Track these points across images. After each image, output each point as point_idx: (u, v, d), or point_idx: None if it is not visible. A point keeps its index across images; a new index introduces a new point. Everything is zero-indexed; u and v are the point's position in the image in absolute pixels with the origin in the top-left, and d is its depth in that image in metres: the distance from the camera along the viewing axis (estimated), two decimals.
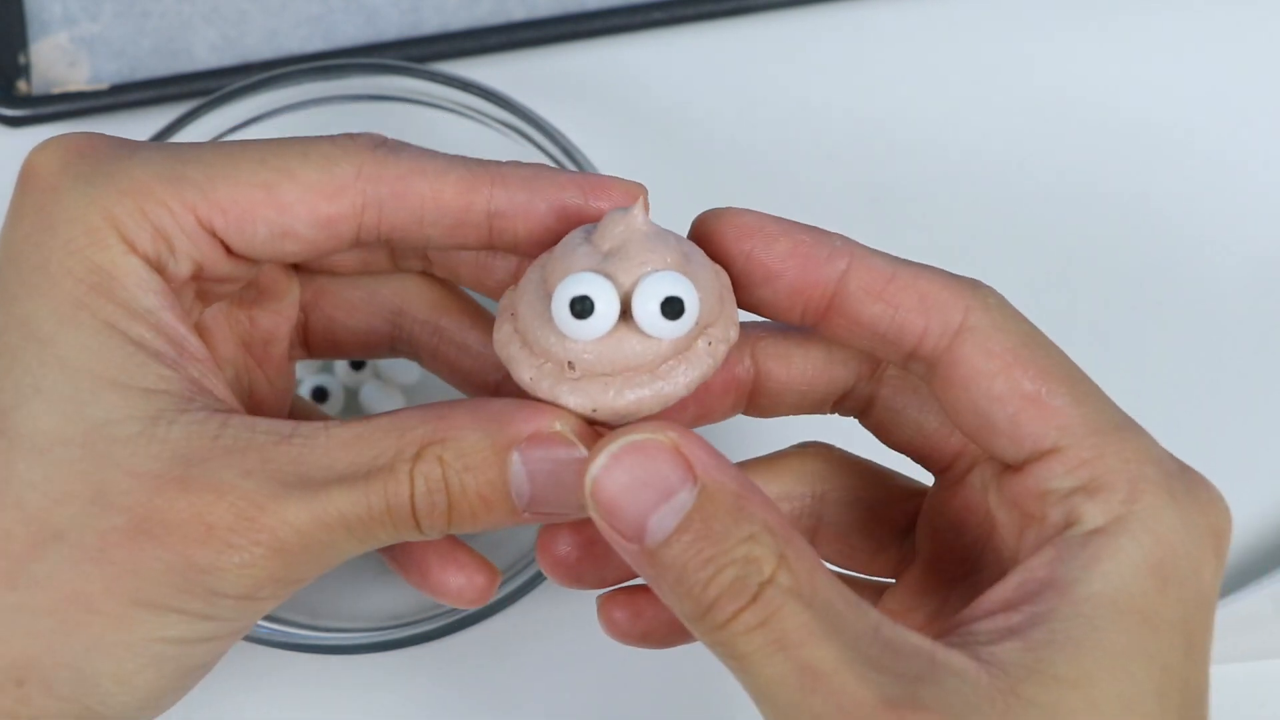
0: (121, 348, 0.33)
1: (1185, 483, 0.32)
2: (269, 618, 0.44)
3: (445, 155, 0.35)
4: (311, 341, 0.41)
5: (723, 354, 0.34)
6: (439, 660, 0.47)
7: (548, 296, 0.33)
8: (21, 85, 0.51)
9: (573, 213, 0.35)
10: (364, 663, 0.47)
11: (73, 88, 0.52)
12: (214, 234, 0.34)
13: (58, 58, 0.52)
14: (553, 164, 0.47)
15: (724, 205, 0.36)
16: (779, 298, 0.35)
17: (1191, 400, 0.51)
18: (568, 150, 0.47)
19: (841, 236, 0.35)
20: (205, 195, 0.34)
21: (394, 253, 0.40)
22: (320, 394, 0.48)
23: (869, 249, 0.35)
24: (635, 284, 0.32)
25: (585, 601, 0.48)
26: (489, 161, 0.36)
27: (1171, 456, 0.33)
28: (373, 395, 0.49)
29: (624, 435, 0.32)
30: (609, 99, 0.53)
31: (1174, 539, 0.32)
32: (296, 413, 0.42)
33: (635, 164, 0.51)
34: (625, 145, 0.52)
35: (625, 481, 0.31)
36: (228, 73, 0.51)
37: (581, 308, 0.32)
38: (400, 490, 0.33)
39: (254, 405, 0.39)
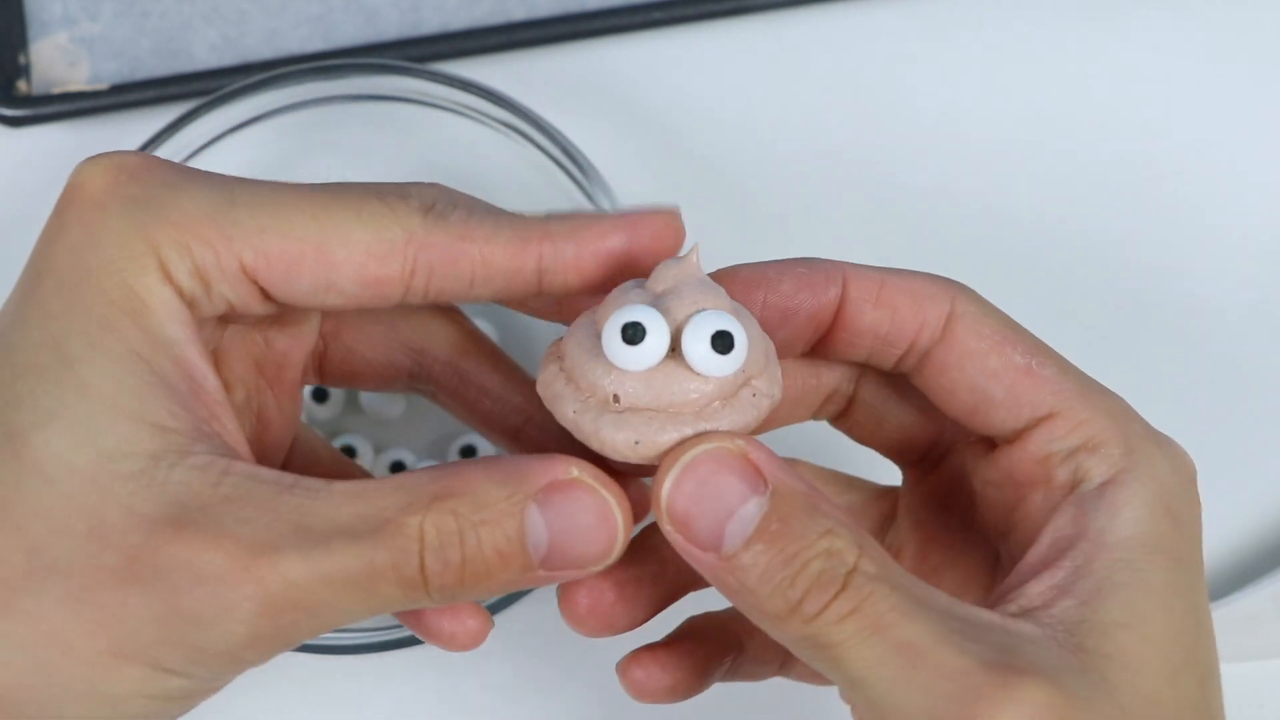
0: (141, 378, 0.33)
1: (1160, 435, 0.35)
2: None
3: (492, 216, 0.35)
4: (327, 370, 0.41)
5: (766, 408, 0.34)
6: (439, 660, 0.47)
7: (598, 335, 0.33)
8: (21, 85, 0.51)
9: (619, 255, 0.35)
10: (364, 663, 0.47)
11: (73, 88, 0.52)
12: (254, 280, 0.34)
13: (58, 58, 0.52)
14: (553, 164, 0.47)
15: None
16: (798, 332, 0.36)
17: (1191, 400, 0.51)
18: (567, 150, 0.47)
19: (828, 259, 0.36)
20: (253, 244, 0.34)
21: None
22: (320, 395, 0.48)
23: (855, 264, 0.36)
24: (687, 319, 0.33)
25: None
26: (534, 219, 0.35)
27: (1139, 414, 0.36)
28: (373, 398, 0.49)
29: (691, 448, 0.32)
30: (609, 99, 0.53)
31: (1171, 482, 0.34)
32: (299, 444, 0.41)
33: (634, 164, 0.51)
34: (625, 145, 0.52)
35: (697, 493, 0.32)
36: (228, 73, 0.51)
37: (633, 333, 0.32)
38: (409, 545, 0.32)
39: (260, 428, 0.39)
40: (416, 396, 0.48)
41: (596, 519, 0.33)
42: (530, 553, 0.33)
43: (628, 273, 0.35)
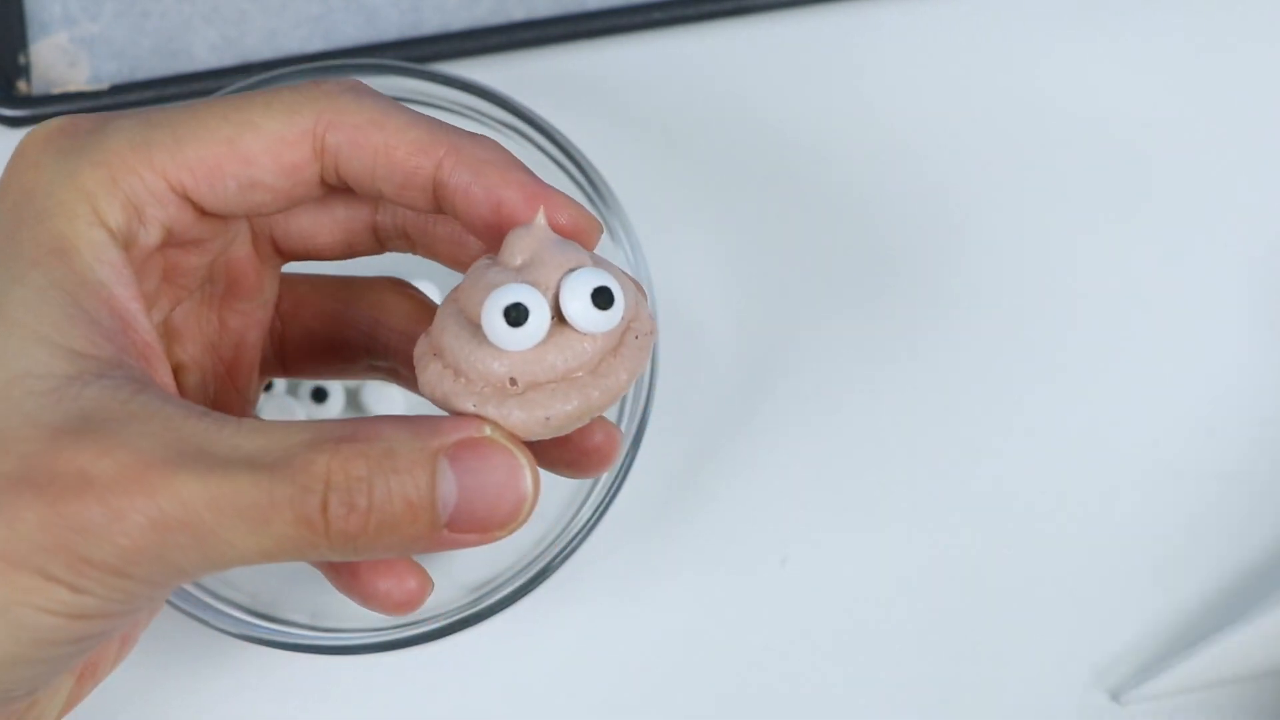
0: (62, 308, 0.33)
1: None
2: (268, 618, 0.44)
3: (413, 114, 0.36)
4: (289, 356, 0.41)
5: (649, 346, 0.34)
6: (439, 660, 0.47)
7: (470, 323, 0.33)
8: (21, 85, 0.51)
9: (507, 212, 0.35)
10: (364, 663, 0.47)
11: (73, 88, 0.52)
12: (185, 196, 0.35)
13: (58, 58, 0.52)
14: (553, 165, 0.47)
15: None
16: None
17: (1194, 400, 0.51)
18: (567, 150, 0.47)
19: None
20: (173, 157, 0.34)
21: (377, 232, 0.39)
22: (320, 395, 0.48)
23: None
24: (559, 285, 0.33)
25: (585, 602, 0.48)
26: (455, 131, 0.35)
27: None
28: (372, 397, 0.49)
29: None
30: (609, 99, 0.53)
31: None
32: None
33: (634, 164, 0.51)
34: (625, 145, 0.52)
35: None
36: (228, 73, 0.51)
37: (516, 315, 0.32)
38: (313, 483, 0.31)
39: None
40: (416, 397, 0.49)
41: (507, 478, 0.32)
42: (439, 509, 0.32)
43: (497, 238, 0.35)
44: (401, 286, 0.41)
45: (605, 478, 0.45)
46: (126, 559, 0.31)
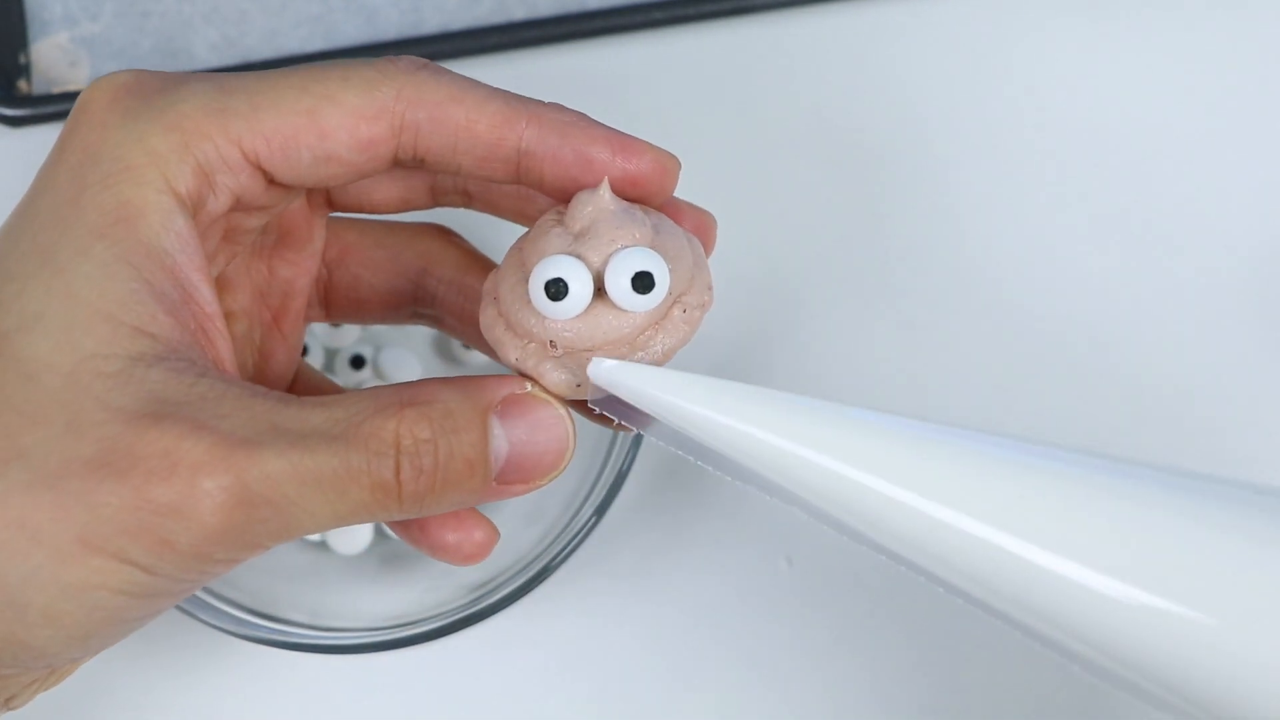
0: (125, 283, 0.33)
1: None
2: (269, 617, 0.44)
3: (488, 87, 0.36)
4: (333, 301, 0.41)
5: (698, 319, 0.35)
6: (439, 660, 0.47)
7: (526, 280, 0.34)
8: (22, 85, 0.52)
9: (598, 167, 0.36)
10: (364, 663, 0.47)
11: (73, 88, 0.52)
12: (258, 165, 0.35)
13: (58, 58, 0.52)
14: None
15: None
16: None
17: (1194, 402, 0.51)
18: None
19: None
20: (250, 126, 0.34)
21: (434, 189, 0.40)
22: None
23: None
24: (606, 262, 0.34)
25: (585, 601, 0.48)
26: (530, 100, 0.36)
27: None
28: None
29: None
30: (609, 99, 0.53)
31: None
32: (301, 380, 0.42)
33: None
34: None
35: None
36: (228, 73, 0.51)
37: (556, 290, 0.33)
38: (384, 449, 0.32)
39: (262, 361, 0.40)
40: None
41: (550, 429, 0.34)
42: (491, 463, 0.33)
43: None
44: (449, 235, 0.42)
45: (605, 476, 0.45)
46: (211, 539, 0.32)
